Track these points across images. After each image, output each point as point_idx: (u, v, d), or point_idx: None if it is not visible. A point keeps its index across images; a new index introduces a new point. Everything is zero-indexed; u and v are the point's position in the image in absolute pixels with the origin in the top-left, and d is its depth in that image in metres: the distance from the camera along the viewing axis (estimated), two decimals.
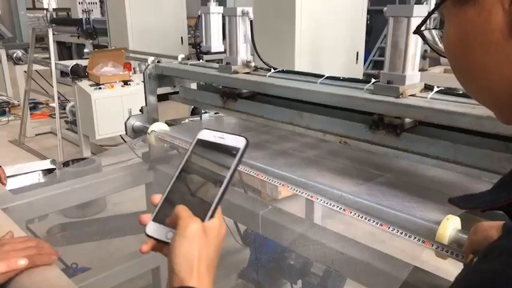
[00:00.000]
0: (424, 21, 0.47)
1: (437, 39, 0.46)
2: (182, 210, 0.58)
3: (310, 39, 3.58)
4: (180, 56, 3.02)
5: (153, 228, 0.61)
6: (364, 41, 4.29)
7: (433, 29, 0.47)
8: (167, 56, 3.33)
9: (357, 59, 4.23)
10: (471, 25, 0.41)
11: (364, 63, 5.11)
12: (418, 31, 0.47)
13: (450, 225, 0.81)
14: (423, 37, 0.47)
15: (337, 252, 1.06)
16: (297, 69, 3.32)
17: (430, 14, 0.45)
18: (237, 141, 0.60)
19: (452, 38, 0.44)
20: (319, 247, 1.11)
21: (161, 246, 0.60)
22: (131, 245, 2.71)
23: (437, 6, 0.43)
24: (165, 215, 0.61)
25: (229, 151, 0.60)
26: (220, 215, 0.60)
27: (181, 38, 6.03)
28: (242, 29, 1.35)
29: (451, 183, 1.01)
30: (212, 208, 0.58)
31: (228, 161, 0.59)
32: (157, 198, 0.63)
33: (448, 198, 0.45)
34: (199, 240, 0.56)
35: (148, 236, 0.60)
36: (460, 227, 0.82)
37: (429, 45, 0.47)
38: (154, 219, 0.61)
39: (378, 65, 6.25)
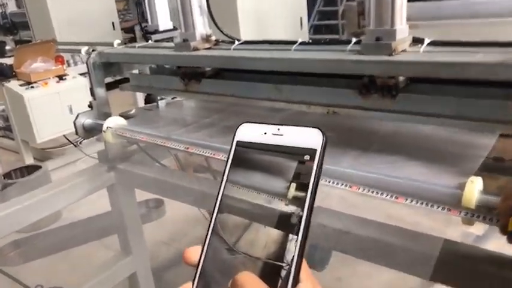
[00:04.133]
0: None
1: None
2: (249, 281, 0.35)
3: (253, 8, 3.44)
4: (116, 42, 2.76)
5: None
6: (306, 6, 4.21)
7: None
8: (101, 44, 3.05)
9: (301, 25, 4.15)
10: None
11: None
12: None
13: (476, 188, 0.73)
14: None
15: (342, 232, 0.98)
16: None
17: None
18: (308, 138, 0.36)
19: None
20: (320, 229, 1.01)
21: None
22: (94, 251, 2.51)
23: None
24: (215, 283, 0.38)
25: (296, 157, 0.36)
26: (309, 274, 0.36)
27: (113, 23, 5.64)
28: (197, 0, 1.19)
29: (455, 141, 0.94)
30: (294, 266, 0.34)
31: (300, 175, 0.36)
32: (194, 253, 0.39)
33: None
34: None
35: None
36: (482, 189, 0.75)
37: None
38: None
39: (319, 29, 6.22)
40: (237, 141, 0.41)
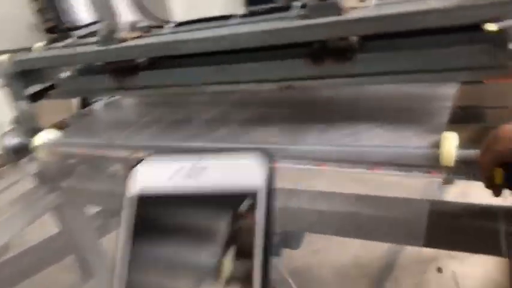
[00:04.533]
0: None
1: None
2: None
3: None
4: (35, 45, 2.51)
5: None
6: None
7: None
8: (22, 50, 2.77)
9: None
10: None
11: None
12: None
13: (452, 144, 0.68)
14: None
15: (313, 212, 0.91)
16: (175, 18, 3.00)
17: None
18: (245, 170, 0.24)
19: None
20: (287, 213, 0.94)
21: None
22: (56, 276, 2.32)
23: None
24: None
25: (230, 206, 0.24)
26: None
27: (32, 24, 5.20)
28: None
29: (416, 97, 0.89)
30: None
31: (239, 235, 0.24)
32: None
33: None
34: None
35: None
36: (457, 143, 0.71)
37: None
38: None
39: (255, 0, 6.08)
40: (137, 195, 0.26)
